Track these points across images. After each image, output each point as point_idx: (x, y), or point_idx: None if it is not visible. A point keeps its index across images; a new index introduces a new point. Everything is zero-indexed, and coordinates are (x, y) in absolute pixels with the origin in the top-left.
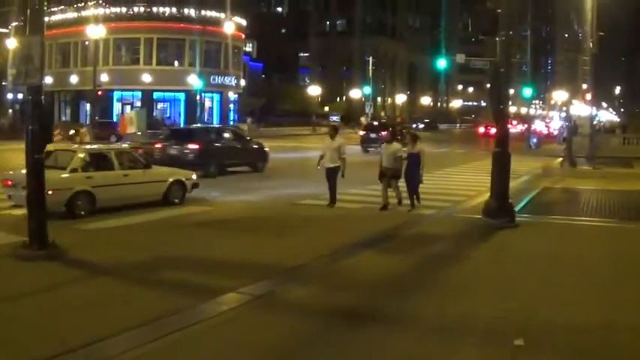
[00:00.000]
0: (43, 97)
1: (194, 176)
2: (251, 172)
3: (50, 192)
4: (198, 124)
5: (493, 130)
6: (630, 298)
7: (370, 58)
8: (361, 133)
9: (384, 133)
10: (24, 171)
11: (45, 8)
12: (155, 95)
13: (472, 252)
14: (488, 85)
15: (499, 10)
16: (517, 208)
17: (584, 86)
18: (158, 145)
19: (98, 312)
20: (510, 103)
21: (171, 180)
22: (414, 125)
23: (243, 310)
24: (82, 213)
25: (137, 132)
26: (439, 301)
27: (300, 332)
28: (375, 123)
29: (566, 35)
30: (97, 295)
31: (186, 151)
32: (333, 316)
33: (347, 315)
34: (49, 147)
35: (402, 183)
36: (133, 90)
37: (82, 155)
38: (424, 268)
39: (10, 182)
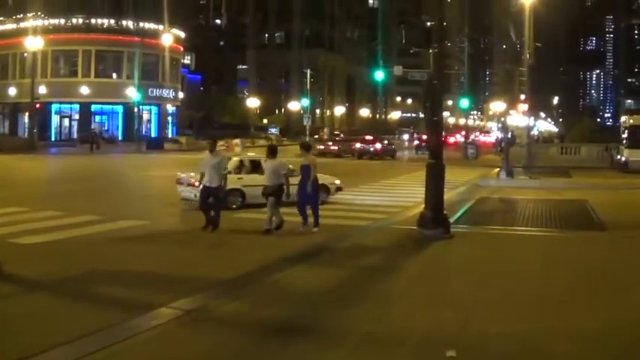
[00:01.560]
0: None
1: (337, 181)
2: None
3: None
4: None
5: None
6: (564, 304)
7: (308, 71)
8: (320, 147)
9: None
10: (192, 173)
11: None
12: (93, 108)
13: (406, 263)
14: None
15: (431, 23)
16: (453, 219)
17: (523, 97)
18: None
19: (28, 327)
20: (449, 114)
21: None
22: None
23: (173, 325)
24: (234, 206)
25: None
26: (372, 313)
27: (230, 347)
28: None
29: (505, 47)
30: (28, 310)
31: None
32: (263, 331)
33: (278, 329)
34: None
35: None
36: (71, 102)
37: (235, 160)
38: (357, 281)
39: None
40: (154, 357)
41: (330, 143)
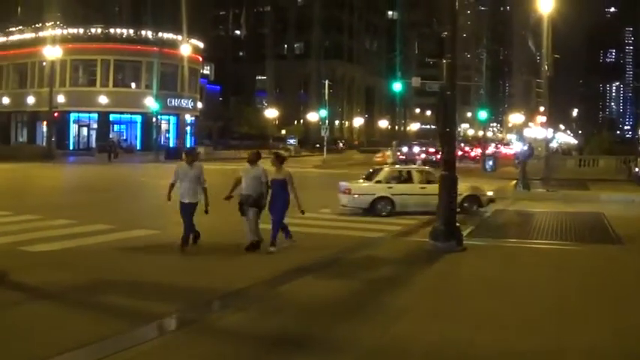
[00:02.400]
0: None
1: (490, 193)
2: None
3: (356, 195)
4: None
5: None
6: (576, 319)
7: (327, 82)
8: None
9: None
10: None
11: None
12: (112, 117)
13: (416, 276)
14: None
15: (445, 34)
16: (467, 231)
17: (542, 108)
18: None
19: (33, 335)
20: (468, 125)
21: (465, 194)
22: None
23: (176, 336)
24: (384, 213)
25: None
26: (378, 326)
27: (232, 358)
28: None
29: (524, 58)
30: (34, 318)
31: None
32: (266, 342)
33: (281, 341)
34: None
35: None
36: (89, 112)
37: (387, 170)
38: (365, 293)
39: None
40: None
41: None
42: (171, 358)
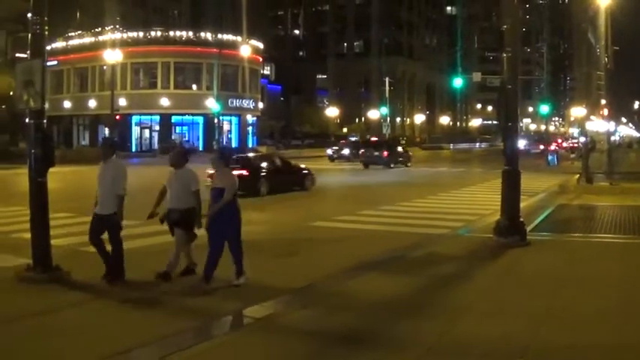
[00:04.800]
0: (45, 120)
1: None
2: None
3: None
4: None
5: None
6: None
7: (387, 79)
8: None
9: None
10: None
11: (46, 32)
12: (173, 119)
13: (479, 272)
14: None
15: (504, 27)
16: (531, 226)
17: (603, 102)
18: None
19: (99, 333)
20: (530, 120)
21: None
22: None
23: (242, 333)
24: None
25: None
26: (441, 322)
27: (296, 355)
28: None
29: (584, 51)
30: (96, 317)
31: None
32: (331, 339)
33: (345, 337)
34: None
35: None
36: (151, 114)
37: None
38: (428, 290)
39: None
40: None
41: None
42: (237, 355)
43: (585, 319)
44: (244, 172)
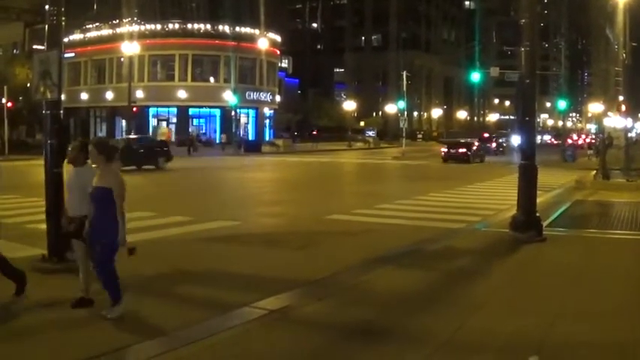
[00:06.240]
0: (61, 111)
1: None
2: None
3: None
4: None
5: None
6: None
7: (405, 73)
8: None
9: None
10: None
11: (63, 24)
12: (191, 111)
13: (495, 267)
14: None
15: (522, 21)
16: (548, 222)
17: (621, 98)
18: None
19: (108, 325)
20: (547, 115)
21: None
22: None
23: (255, 325)
24: None
25: None
26: (455, 317)
27: (310, 347)
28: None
29: (602, 47)
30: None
31: None
32: (346, 332)
33: (361, 331)
34: None
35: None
36: (168, 106)
37: None
38: (444, 284)
39: None
40: (234, 355)
41: None
42: (250, 346)
43: (602, 315)
44: None
